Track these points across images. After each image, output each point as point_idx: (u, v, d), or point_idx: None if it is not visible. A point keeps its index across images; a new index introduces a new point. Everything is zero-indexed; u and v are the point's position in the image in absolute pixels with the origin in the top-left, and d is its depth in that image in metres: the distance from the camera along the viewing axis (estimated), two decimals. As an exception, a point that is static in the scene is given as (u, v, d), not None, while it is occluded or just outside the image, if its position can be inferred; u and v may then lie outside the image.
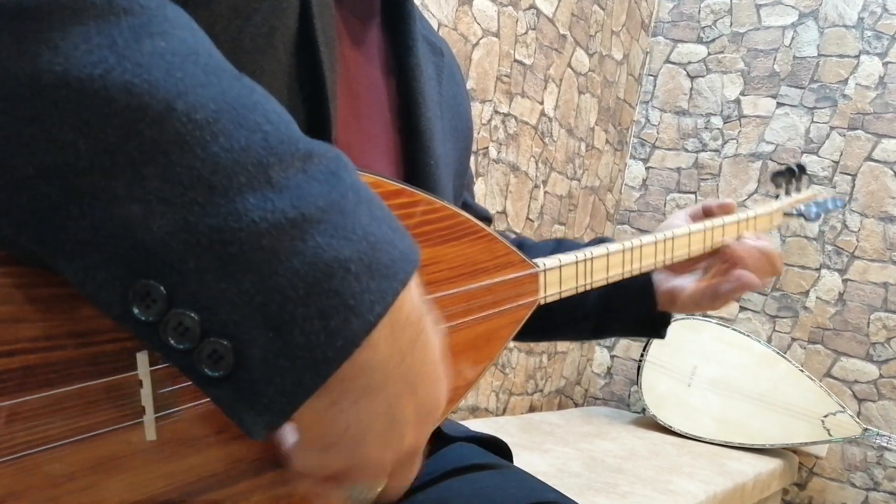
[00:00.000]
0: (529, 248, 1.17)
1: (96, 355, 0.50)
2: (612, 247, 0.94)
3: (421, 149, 0.91)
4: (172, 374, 0.53)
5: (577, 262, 0.89)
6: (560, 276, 0.87)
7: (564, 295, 0.88)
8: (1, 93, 0.40)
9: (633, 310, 1.10)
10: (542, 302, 0.85)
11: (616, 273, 0.95)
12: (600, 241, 1.12)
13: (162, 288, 0.43)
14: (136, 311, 0.43)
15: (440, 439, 0.98)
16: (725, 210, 1.12)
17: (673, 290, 1.09)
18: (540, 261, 0.85)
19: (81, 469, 0.50)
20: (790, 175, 1.29)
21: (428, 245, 0.73)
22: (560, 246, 1.15)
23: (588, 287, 0.91)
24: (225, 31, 0.67)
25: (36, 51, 0.40)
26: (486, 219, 1.22)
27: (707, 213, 1.13)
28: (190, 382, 0.52)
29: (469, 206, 1.16)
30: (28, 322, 0.47)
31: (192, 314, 0.44)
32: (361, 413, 0.50)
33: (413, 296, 0.51)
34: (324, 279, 0.44)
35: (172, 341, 0.44)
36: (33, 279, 0.47)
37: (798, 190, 1.32)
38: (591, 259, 0.91)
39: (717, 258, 1.11)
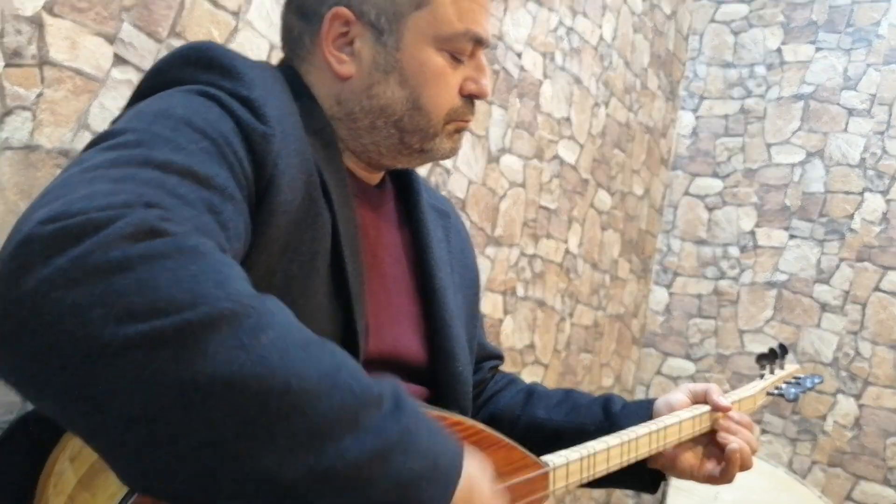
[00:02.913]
0: (540, 397, 1.29)
1: None
2: (612, 441, 1.07)
3: (438, 305, 1.09)
4: None
5: (581, 459, 1.03)
6: (567, 472, 1.00)
7: (571, 487, 1.03)
8: (171, 393, 0.56)
9: (627, 470, 1.16)
10: (552, 494, 1.00)
11: (615, 464, 1.07)
12: (606, 400, 1.24)
13: None
14: None
15: None
16: (722, 410, 1.22)
17: (672, 457, 1.20)
18: (550, 459, 0.98)
19: None
20: (773, 356, 1.44)
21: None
22: (567, 397, 1.27)
23: (591, 478, 1.05)
24: (279, 265, 0.85)
25: (192, 360, 0.56)
26: (498, 357, 1.37)
27: (706, 401, 1.23)
28: None
29: (481, 345, 1.30)
30: None
31: None
32: None
33: (465, 480, 0.69)
34: (405, 492, 0.62)
35: None
36: None
37: (781, 367, 1.46)
38: (594, 455, 1.05)
39: (709, 437, 1.22)
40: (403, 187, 1.14)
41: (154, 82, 0.87)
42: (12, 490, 0.78)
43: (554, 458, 1.00)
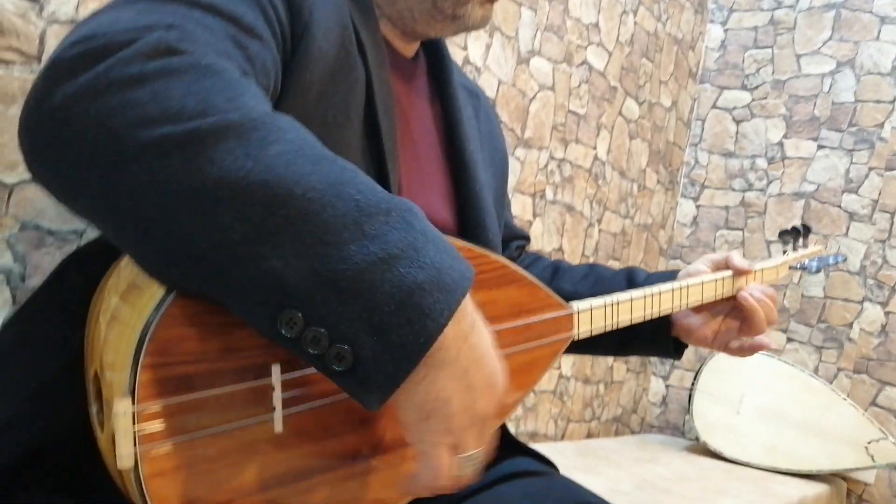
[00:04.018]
0: (565, 272, 1.33)
1: (243, 366, 0.70)
2: (636, 293, 1.11)
3: (468, 177, 1.11)
4: (296, 383, 0.73)
5: (605, 306, 1.07)
6: (591, 317, 1.04)
7: (595, 332, 1.06)
8: (182, 197, 0.59)
9: (651, 336, 1.25)
10: (576, 338, 1.04)
11: (638, 315, 1.12)
12: (630, 272, 1.28)
13: (300, 314, 0.62)
14: (283, 331, 0.62)
15: (499, 449, 1.13)
16: (743, 273, 1.26)
17: (689, 327, 1.25)
18: (574, 303, 1.03)
19: (230, 451, 0.69)
20: (796, 234, 1.45)
21: (482, 289, 0.90)
22: (592, 271, 1.30)
23: (614, 326, 1.08)
24: (315, 113, 0.88)
25: (200, 165, 0.59)
26: (525, 237, 1.39)
27: (728, 266, 1.27)
28: (310, 388, 0.73)
29: (508, 226, 1.33)
30: (202, 340, 0.68)
31: (322, 330, 0.62)
32: (443, 381, 0.67)
33: (468, 302, 0.68)
34: (407, 297, 0.63)
35: (310, 350, 0.63)
36: (207, 309, 0.68)
37: (805, 246, 1.48)
38: (617, 303, 1.09)
39: (730, 304, 1.26)
40: (436, 64, 1.17)
41: None
42: (65, 320, 0.82)
43: (578, 303, 1.04)
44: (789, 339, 3.20)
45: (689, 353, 3.42)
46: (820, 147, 3.19)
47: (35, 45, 1.17)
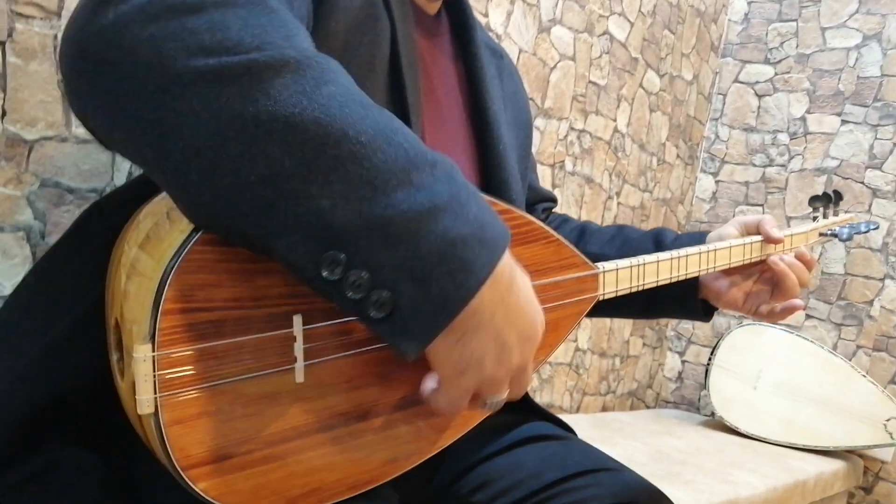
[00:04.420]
0: (592, 233, 1.32)
1: (266, 315, 0.69)
2: (662, 255, 1.10)
3: (491, 136, 1.10)
4: (319, 334, 0.72)
5: (631, 267, 1.06)
6: (617, 278, 1.03)
7: (620, 293, 1.05)
8: (234, 127, 0.59)
9: (679, 297, 1.25)
10: (601, 298, 1.03)
11: (665, 277, 1.10)
12: (658, 233, 1.26)
13: (343, 255, 0.62)
14: (324, 273, 0.62)
15: (519, 413, 1.14)
16: (774, 242, 1.25)
17: (718, 290, 1.24)
18: (600, 263, 1.02)
19: (251, 401, 0.69)
20: (827, 200, 1.42)
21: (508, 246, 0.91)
22: (620, 232, 1.29)
23: (640, 287, 1.07)
24: (338, 63, 0.89)
25: (256, 98, 0.59)
26: (552, 199, 1.38)
27: (759, 231, 1.26)
28: (331, 340, 0.73)
29: (534, 188, 1.33)
30: (222, 287, 0.67)
31: (364, 273, 0.62)
32: (478, 342, 0.68)
33: (507, 257, 0.69)
34: (450, 249, 0.63)
35: (350, 294, 0.62)
36: (228, 256, 0.67)
37: (835, 214, 1.45)
38: (644, 265, 1.07)
39: (760, 268, 1.25)
40: (459, 22, 1.15)
41: None
42: (86, 269, 0.82)
43: (605, 264, 1.03)
44: (808, 316, 3.18)
45: (706, 328, 3.41)
46: (844, 122, 3.15)
47: (55, 1, 1.16)
